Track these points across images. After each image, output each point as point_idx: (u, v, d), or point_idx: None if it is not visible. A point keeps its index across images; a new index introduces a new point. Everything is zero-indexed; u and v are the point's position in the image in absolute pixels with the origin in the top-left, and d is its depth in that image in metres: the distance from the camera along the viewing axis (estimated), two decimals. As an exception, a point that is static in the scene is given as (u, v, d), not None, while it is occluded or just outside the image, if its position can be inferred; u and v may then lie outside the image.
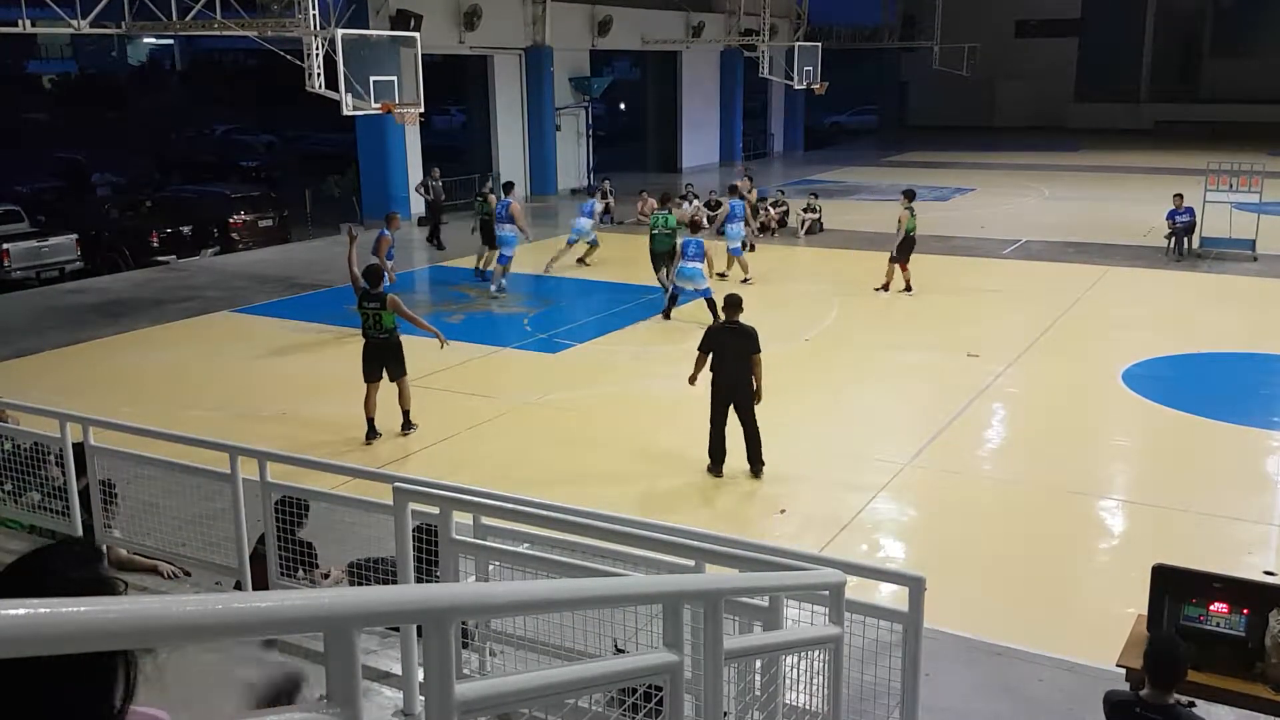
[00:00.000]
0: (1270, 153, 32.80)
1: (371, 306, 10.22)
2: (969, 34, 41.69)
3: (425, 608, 1.89)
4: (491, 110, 27.51)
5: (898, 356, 12.92)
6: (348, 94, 15.50)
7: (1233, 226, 18.62)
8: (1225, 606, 4.79)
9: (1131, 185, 28.38)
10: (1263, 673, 4.69)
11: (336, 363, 13.53)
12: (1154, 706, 4.26)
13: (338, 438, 10.35)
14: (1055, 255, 19.17)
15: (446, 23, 24.58)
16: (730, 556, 4.09)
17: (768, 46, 30.21)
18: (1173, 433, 10.56)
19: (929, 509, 8.87)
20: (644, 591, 3.09)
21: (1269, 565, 7.44)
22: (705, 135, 36.56)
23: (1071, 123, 46.21)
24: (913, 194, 17.06)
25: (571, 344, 14.03)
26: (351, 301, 16.09)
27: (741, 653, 3.62)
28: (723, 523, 7.87)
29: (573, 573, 4.43)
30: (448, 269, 19.17)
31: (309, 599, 1.79)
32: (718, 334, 9.47)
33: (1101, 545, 8.43)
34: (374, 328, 10.21)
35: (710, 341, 9.41)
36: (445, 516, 4.68)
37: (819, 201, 22.65)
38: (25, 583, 1.76)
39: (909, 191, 17.11)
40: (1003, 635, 6.51)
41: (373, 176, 23.71)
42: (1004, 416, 11.28)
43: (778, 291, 17.20)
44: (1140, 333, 13.87)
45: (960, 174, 32.20)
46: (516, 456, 9.94)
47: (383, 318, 10.15)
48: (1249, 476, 9.40)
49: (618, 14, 30.23)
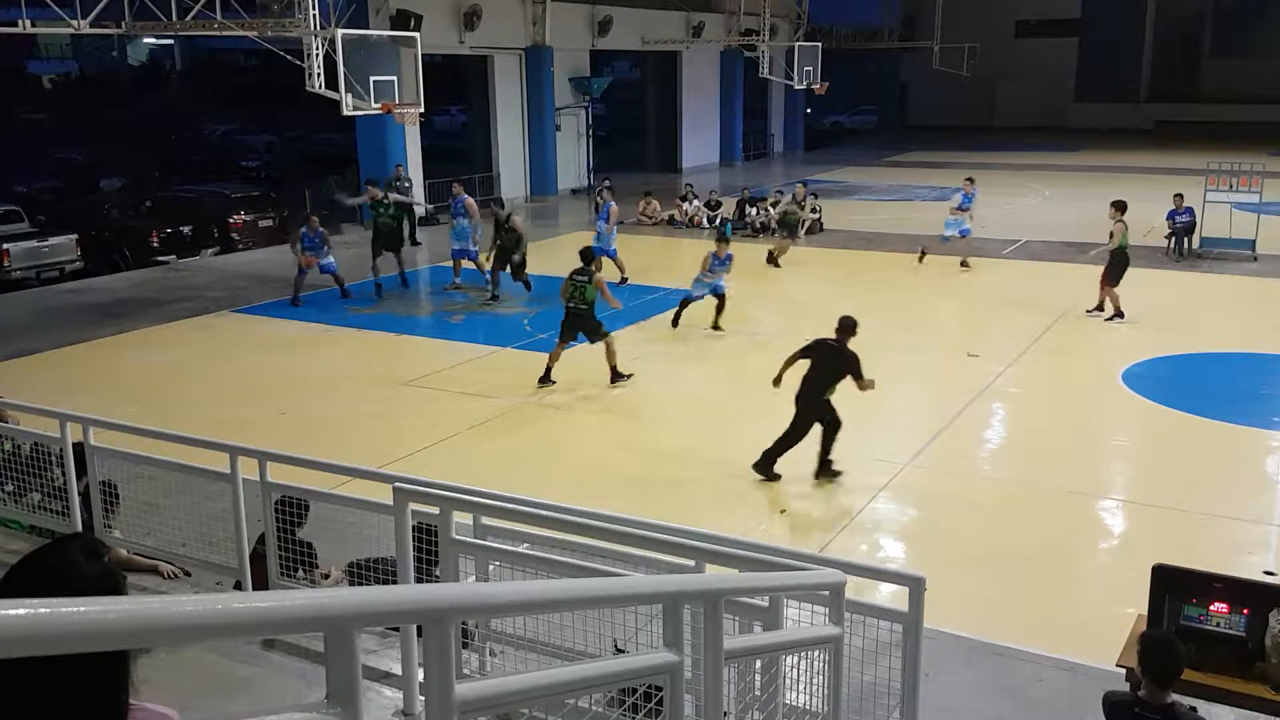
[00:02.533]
0: (1271, 153, 32.75)
1: (580, 280, 11.74)
2: (969, 34, 41.71)
3: (425, 607, 1.89)
4: (491, 110, 27.51)
5: (898, 356, 12.92)
6: (348, 94, 15.49)
7: (1233, 226, 18.62)
8: (1225, 606, 4.79)
9: (1131, 185, 28.32)
10: (1263, 673, 4.69)
11: (336, 362, 13.55)
12: (1153, 706, 4.26)
13: (338, 437, 10.36)
14: (1056, 255, 19.18)
15: (446, 23, 24.58)
16: (730, 556, 4.09)
17: (768, 46, 30.23)
18: (1173, 433, 10.56)
19: (929, 509, 8.86)
20: (644, 591, 3.09)
21: (1269, 565, 7.44)
22: (705, 135, 36.56)
23: (1071, 123, 46.22)
24: (1124, 205, 14.90)
25: (571, 344, 14.00)
26: (351, 302, 16.15)
27: (742, 653, 3.62)
28: (723, 522, 7.87)
29: (573, 573, 4.44)
30: (448, 269, 19.17)
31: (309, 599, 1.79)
32: (819, 350, 9.15)
33: (1101, 545, 8.43)
34: (577, 299, 11.75)
35: (808, 353, 9.17)
36: (445, 516, 4.68)
37: (819, 201, 22.66)
38: (48, 576, 1.78)
39: (1119, 203, 14.91)
40: (1003, 635, 6.51)
41: (373, 176, 23.67)
42: (1004, 416, 11.28)
43: (778, 290, 17.22)
44: (1140, 333, 13.87)
45: (960, 174, 32.05)
46: (517, 456, 9.94)
47: (586, 291, 11.69)
48: (1249, 476, 9.40)
49: (618, 14, 30.23)
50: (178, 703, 1.97)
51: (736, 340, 13.93)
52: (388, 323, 15.55)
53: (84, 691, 1.61)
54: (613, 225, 17.37)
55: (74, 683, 1.59)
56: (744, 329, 14.42)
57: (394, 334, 14.97)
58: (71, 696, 1.59)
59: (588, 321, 11.85)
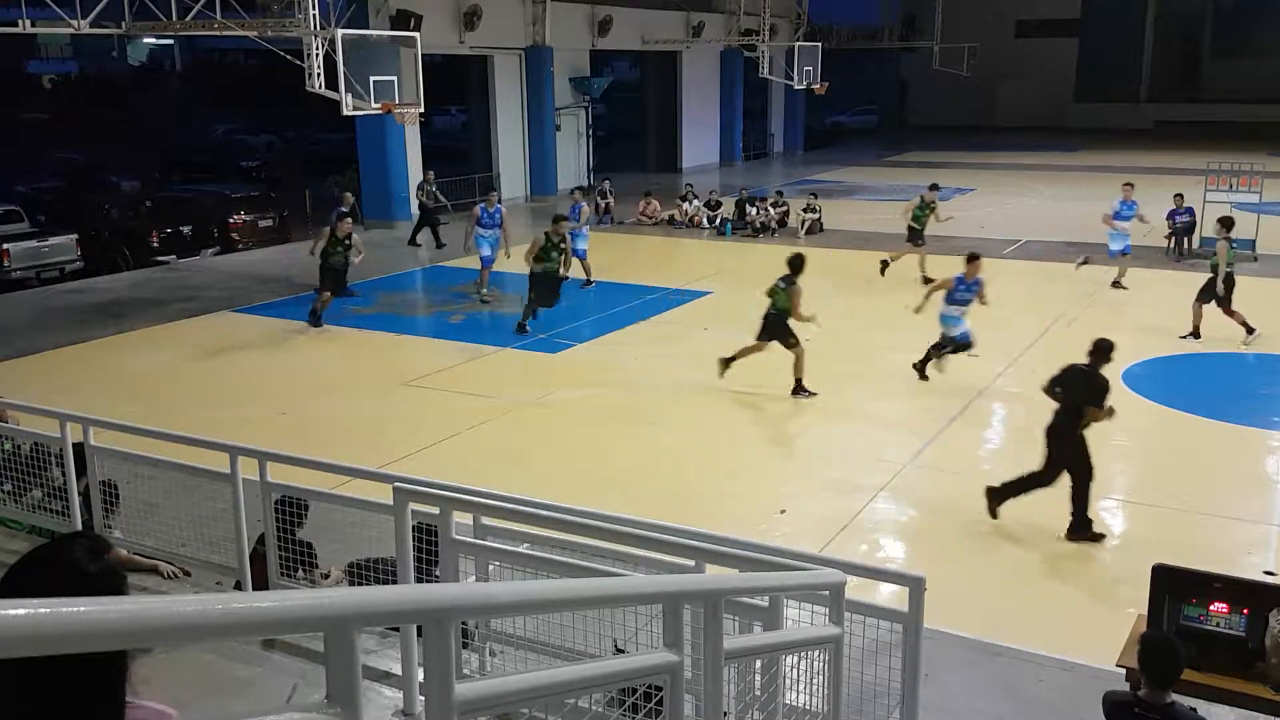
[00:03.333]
0: (1270, 153, 32.74)
1: (779, 285, 11.64)
2: (969, 34, 41.72)
3: (425, 608, 1.89)
4: (491, 110, 27.51)
5: (898, 356, 12.92)
6: (348, 94, 15.49)
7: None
8: (1225, 606, 4.79)
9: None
10: (1263, 673, 4.69)
11: (336, 362, 13.55)
12: (1153, 706, 4.26)
13: (338, 437, 10.36)
14: (1055, 255, 19.16)
15: (446, 23, 24.58)
16: (730, 556, 4.09)
17: (768, 46, 30.22)
18: (1173, 433, 10.56)
19: (929, 509, 8.86)
20: (644, 591, 3.09)
21: (1269, 565, 7.44)
22: (705, 135, 36.55)
23: (1071, 123, 46.21)
24: (1231, 222, 14.00)
25: (571, 344, 14.04)
26: (351, 302, 16.11)
27: (742, 653, 3.62)
28: (723, 523, 7.86)
29: (573, 573, 4.44)
30: (447, 269, 19.18)
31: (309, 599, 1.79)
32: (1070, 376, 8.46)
33: (1102, 545, 8.42)
34: (774, 303, 11.66)
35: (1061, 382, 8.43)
36: (445, 516, 4.69)
37: (819, 201, 22.66)
38: (50, 574, 1.78)
39: (1227, 219, 14.03)
40: (1003, 635, 6.51)
41: (373, 176, 23.70)
42: (1004, 416, 11.28)
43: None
44: (1141, 332, 13.85)
45: (961, 174, 32.19)
46: (517, 456, 9.94)
47: (779, 297, 11.58)
48: (1249, 476, 9.40)
49: (618, 14, 30.23)
50: (177, 702, 1.97)
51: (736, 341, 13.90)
52: (388, 322, 15.55)
53: (83, 690, 1.61)
54: (583, 225, 17.22)
55: (74, 682, 1.59)
56: (740, 330, 14.41)
57: (394, 334, 14.97)
58: (71, 695, 1.59)
59: (778, 328, 11.61)
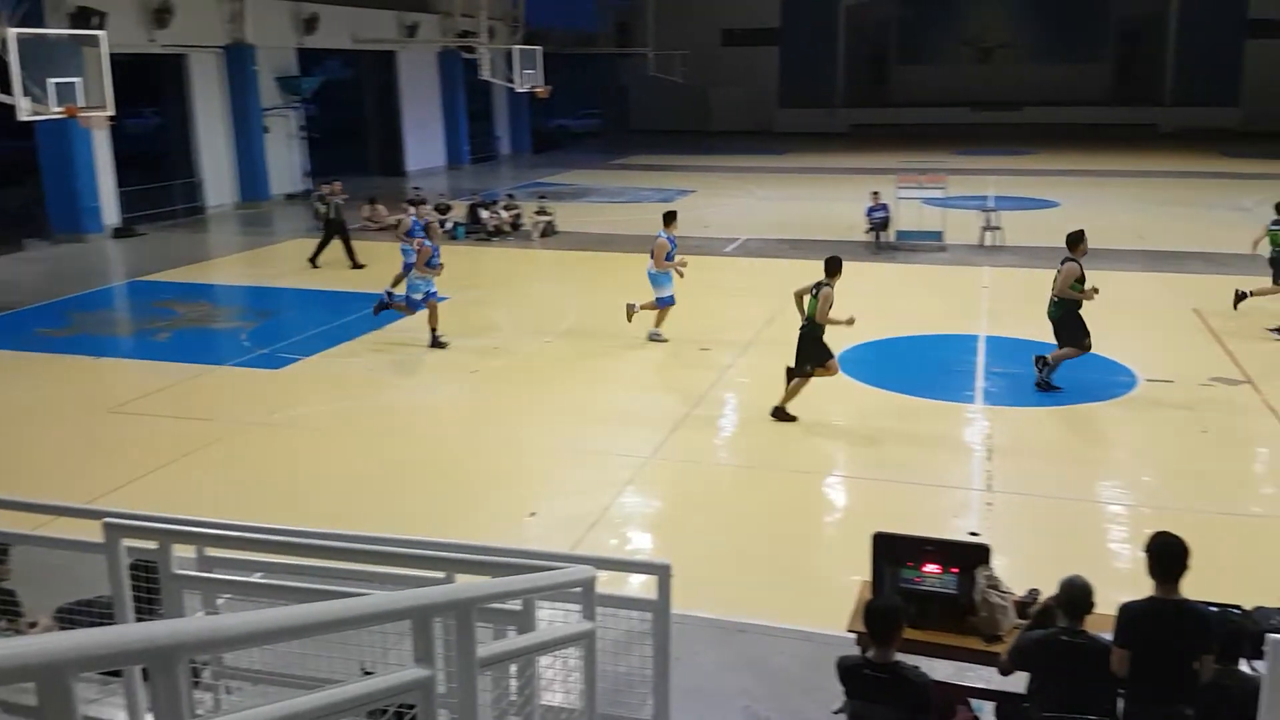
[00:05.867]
0: (954, 152, 36.31)
1: (814, 293, 10.52)
2: (680, 41, 43.45)
3: (149, 646, 1.76)
4: (190, 112, 25.84)
5: (636, 353, 13.26)
6: (24, 97, 14.15)
7: (923, 220, 20.52)
8: (938, 567, 5.19)
9: (834, 184, 30.50)
10: (974, 626, 5.13)
11: (28, 391, 12.24)
12: (880, 666, 4.59)
13: (38, 473, 9.36)
14: (772, 251, 20.32)
15: (134, 20, 22.88)
16: (481, 564, 4.03)
17: (487, 48, 30.15)
18: (881, 411, 11.41)
19: (672, 498, 9.15)
20: (390, 608, 2.98)
21: (973, 527, 8.20)
22: (429, 138, 36.01)
23: (778, 127, 49.08)
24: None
25: (297, 358, 13.38)
26: (40, 323, 14.56)
27: (496, 659, 3.57)
28: (474, 531, 7.75)
29: (312, 598, 4.21)
30: (146, 283, 17.81)
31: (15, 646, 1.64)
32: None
33: (828, 519, 9.01)
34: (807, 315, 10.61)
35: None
36: (164, 550, 4.33)
37: (550, 204, 22.89)
38: None
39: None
40: (746, 613, 6.81)
41: (58, 186, 21.65)
42: (736, 405, 11.80)
43: (519, 294, 17.22)
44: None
45: (681, 176, 33.49)
46: (244, 482, 9.37)
47: (807, 304, 10.52)
48: (950, 447, 10.32)
49: (325, 11, 29.21)
50: None
51: (474, 344, 13.78)
52: (85, 345, 14.23)
53: None
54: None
55: None
56: (479, 336, 14.31)
57: (93, 356, 13.72)
58: None
59: (811, 344, 10.52)
